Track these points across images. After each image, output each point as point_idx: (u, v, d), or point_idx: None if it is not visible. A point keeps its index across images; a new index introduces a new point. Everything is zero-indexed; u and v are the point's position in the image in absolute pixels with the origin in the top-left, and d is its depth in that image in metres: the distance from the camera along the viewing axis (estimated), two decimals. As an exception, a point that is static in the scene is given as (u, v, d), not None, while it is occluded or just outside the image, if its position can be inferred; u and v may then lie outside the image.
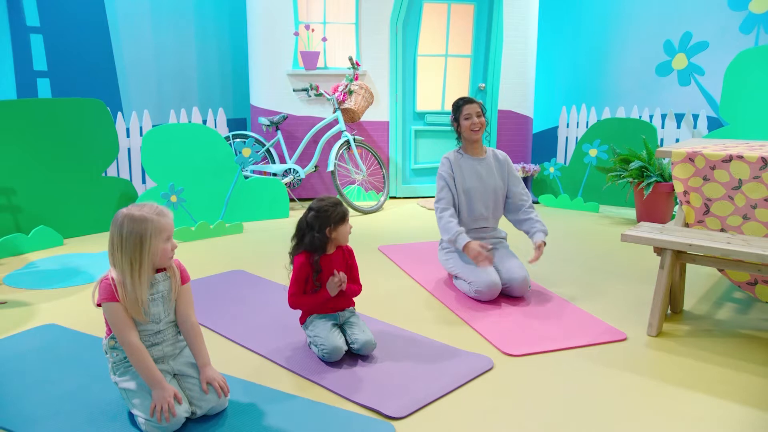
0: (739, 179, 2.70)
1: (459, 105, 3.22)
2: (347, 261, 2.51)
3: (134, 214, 1.83)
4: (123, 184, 4.58)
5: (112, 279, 1.84)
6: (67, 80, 5.06)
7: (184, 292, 2.00)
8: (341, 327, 2.46)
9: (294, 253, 2.44)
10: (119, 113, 4.94)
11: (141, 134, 4.99)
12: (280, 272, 3.46)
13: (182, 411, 1.86)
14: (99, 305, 1.85)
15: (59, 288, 3.22)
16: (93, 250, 3.94)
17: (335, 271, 2.39)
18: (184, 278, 2.01)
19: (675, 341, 2.60)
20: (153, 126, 4.93)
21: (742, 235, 2.67)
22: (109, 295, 1.82)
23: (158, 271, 1.93)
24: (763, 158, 2.62)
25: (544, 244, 3.09)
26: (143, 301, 1.85)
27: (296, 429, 1.89)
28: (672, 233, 2.68)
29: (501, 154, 3.33)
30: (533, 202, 5.56)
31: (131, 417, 1.93)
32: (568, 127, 6.07)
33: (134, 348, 1.84)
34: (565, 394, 2.14)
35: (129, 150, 4.97)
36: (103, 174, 4.48)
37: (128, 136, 4.96)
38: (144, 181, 5.09)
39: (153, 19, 5.58)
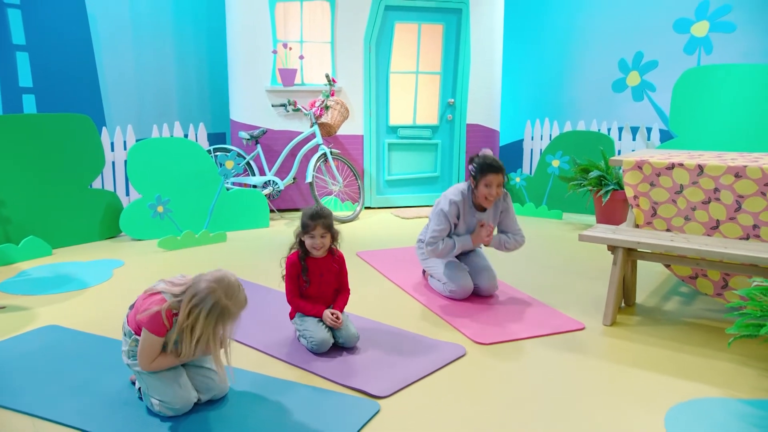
0: (681, 185, 3.03)
1: (485, 170, 3.09)
2: (338, 267, 2.72)
3: (224, 302, 1.93)
4: (108, 196, 4.74)
5: (168, 314, 1.96)
6: (52, 96, 5.20)
7: None
8: (328, 322, 2.70)
9: (290, 250, 2.67)
10: (104, 128, 5.10)
11: (125, 148, 5.15)
12: (264, 277, 3.69)
13: (192, 396, 2.08)
14: (139, 325, 2.00)
15: (55, 293, 3.38)
16: (81, 259, 4.09)
17: (331, 313, 2.59)
18: None
19: (627, 329, 2.90)
20: (136, 140, 5.11)
21: (683, 234, 3.01)
22: (156, 328, 1.96)
23: None
24: (699, 165, 2.96)
25: (492, 232, 3.23)
26: (186, 357, 2.02)
27: (291, 409, 2.11)
28: (623, 233, 2.99)
29: (502, 196, 3.28)
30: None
31: (142, 400, 2.13)
32: (532, 139, 6.43)
33: (156, 366, 2.02)
34: (529, 375, 2.42)
35: (113, 163, 5.13)
36: (90, 186, 4.63)
37: (112, 149, 5.12)
38: (128, 193, 5.25)
39: (135, 38, 5.78)
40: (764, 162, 2.91)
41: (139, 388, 2.13)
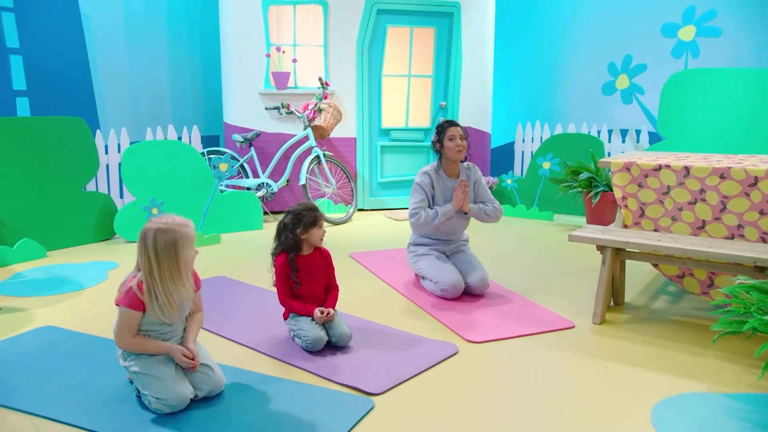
0: (668, 185, 3.10)
1: (444, 127, 3.39)
2: (325, 262, 2.79)
3: (163, 228, 2.04)
4: (103, 198, 4.76)
5: (140, 286, 2.05)
6: (46, 99, 5.21)
7: (196, 298, 2.26)
8: (322, 322, 2.74)
9: (275, 253, 2.71)
10: (98, 130, 5.12)
11: (119, 151, 5.17)
12: (258, 278, 3.72)
13: (188, 393, 2.11)
14: (117, 304, 2.08)
15: (51, 295, 3.40)
16: (76, 261, 4.11)
17: (320, 311, 2.63)
18: (197, 286, 2.26)
19: (616, 328, 2.96)
20: (130, 143, 5.13)
21: (670, 234, 3.07)
22: (131, 302, 2.04)
23: None
24: (686, 167, 3.03)
25: (466, 188, 3.34)
26: (183, 301, 2.09)
27: (287, 406, 2.15)
28: (611, 233, 3.06)
29: (470, 168, 3.52)
30: None
31: (140, 398, 2.16)
32: (523, 142, 6.51)
33: (133, 345, 2.10)
34: (520, 373, 2.47)
35: (107, 166, 5.14)
36: (84, 189, 4.65)
37: (107, 152, 5.14)
38: (122, 196, 5.26)
39: (129, 40, 5.80)
40: (748, 163, 2.99)
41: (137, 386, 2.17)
